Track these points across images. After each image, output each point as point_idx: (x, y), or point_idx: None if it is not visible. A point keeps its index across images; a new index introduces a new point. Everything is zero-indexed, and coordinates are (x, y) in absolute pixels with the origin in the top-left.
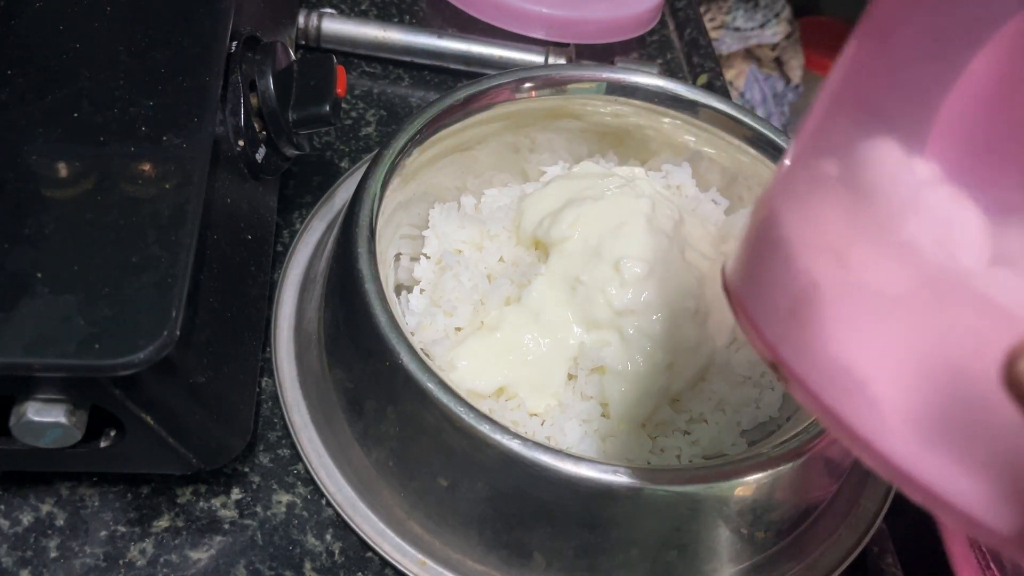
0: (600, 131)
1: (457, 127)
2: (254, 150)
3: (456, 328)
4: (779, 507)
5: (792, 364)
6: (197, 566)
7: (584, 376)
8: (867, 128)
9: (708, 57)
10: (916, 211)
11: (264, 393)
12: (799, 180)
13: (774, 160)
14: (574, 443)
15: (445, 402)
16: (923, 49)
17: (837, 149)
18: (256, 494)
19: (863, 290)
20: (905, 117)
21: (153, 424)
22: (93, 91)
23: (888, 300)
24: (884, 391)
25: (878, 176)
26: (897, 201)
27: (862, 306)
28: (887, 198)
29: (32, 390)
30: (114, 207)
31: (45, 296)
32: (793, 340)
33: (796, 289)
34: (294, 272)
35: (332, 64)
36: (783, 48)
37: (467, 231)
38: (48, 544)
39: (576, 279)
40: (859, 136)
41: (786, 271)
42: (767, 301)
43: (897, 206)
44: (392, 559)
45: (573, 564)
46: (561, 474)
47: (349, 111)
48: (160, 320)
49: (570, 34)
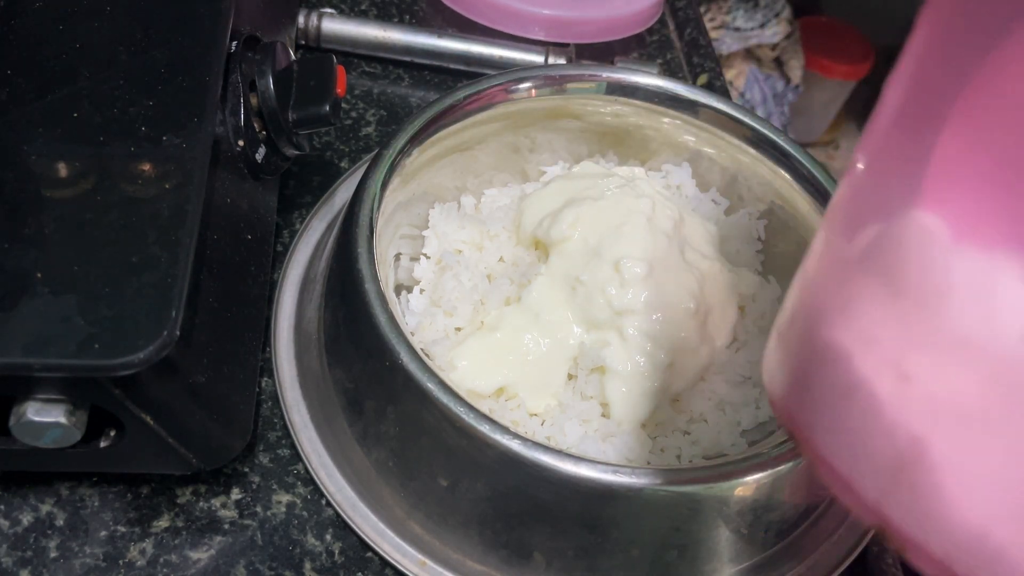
0: (600, 131)
1: (457, 127)
2: (254, 150)
3: (456, 328)
4: (779, 507)
5: (907, 530)
6: (197, 566)
7: (584, 376)
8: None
9: (708, 57)
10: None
11: (264, 393)
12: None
13: (774, 160)
14: (574, 443)
15: (445, 402)
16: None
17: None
18: (256, 494)
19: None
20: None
21: (153, 424)
22: (93, 91)
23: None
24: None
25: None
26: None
27: (982, 453)
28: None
29: (32, 390)
30: (114, 207)
31: (45, 296)
32: (901, 502)
33: (896, 448)
34: (294, 272)
35: (332, 64)
36: (783, 48)
37: (467, 231)
38: (48, 544)
39: (576, 279)
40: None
41: (876, 424)
42: (853, 449)
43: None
44: (392, 559)
45: (573, 564)
46: (561, 474)
47: (349, 111)
48: (160, 320)
49: (570, 34)
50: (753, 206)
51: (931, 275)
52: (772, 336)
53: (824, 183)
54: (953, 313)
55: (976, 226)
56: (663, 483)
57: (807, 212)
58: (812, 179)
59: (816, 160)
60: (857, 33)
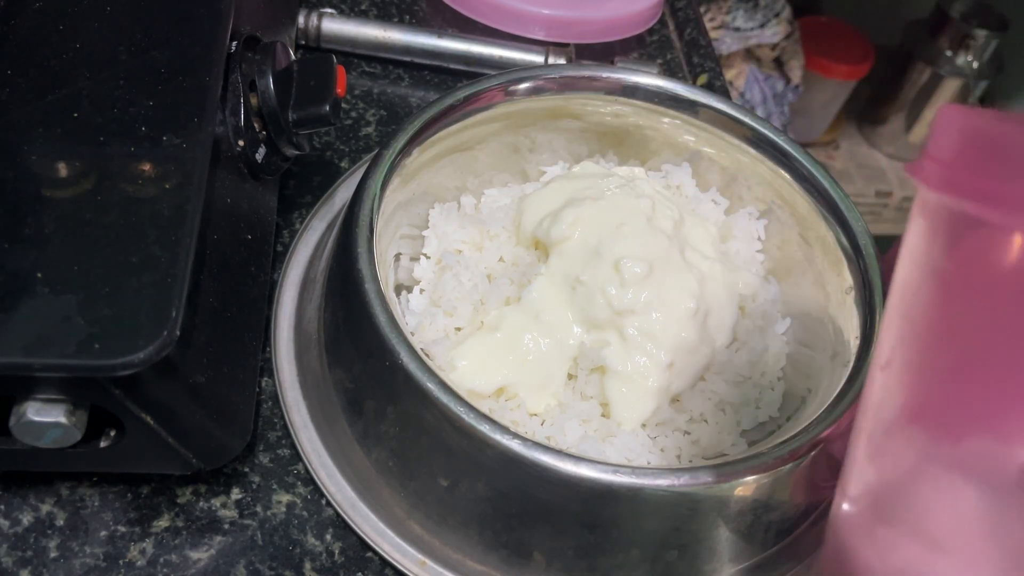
0: (600, 131)
1: (457, 127)
2: (254, 150)
3: (456, 328)
4: (779, 507)
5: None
6: (197, 566)
7: (584, 376)
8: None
9: (708, 57)
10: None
11: (264, 393)
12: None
13: (774, 160)
14: (574, 443)
15: (445, 402)
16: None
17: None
18: (256, 494)
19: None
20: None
21: (153, 424)
22: (93, 91)
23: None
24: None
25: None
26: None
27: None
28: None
29: (32, 390)
30: (114, 207)
31: (45, 296)
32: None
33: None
34: (294, 272)
35: (332, 64)
36: (783, 48)
37: (467, 231)
38: (48, 544)
39: (576, 279)
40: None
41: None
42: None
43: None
44: (392, 559)
45: (573, 564)
46: (561, 474)
47: (349, 111)
48: (160, 320)
49: (570, 34)
50: (753, 206)
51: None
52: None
53: (824, 183)
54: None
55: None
56: (663, 483)
57: (807, 212)
58: (812, 179)
59: (816, 160)
60: (857, 33)
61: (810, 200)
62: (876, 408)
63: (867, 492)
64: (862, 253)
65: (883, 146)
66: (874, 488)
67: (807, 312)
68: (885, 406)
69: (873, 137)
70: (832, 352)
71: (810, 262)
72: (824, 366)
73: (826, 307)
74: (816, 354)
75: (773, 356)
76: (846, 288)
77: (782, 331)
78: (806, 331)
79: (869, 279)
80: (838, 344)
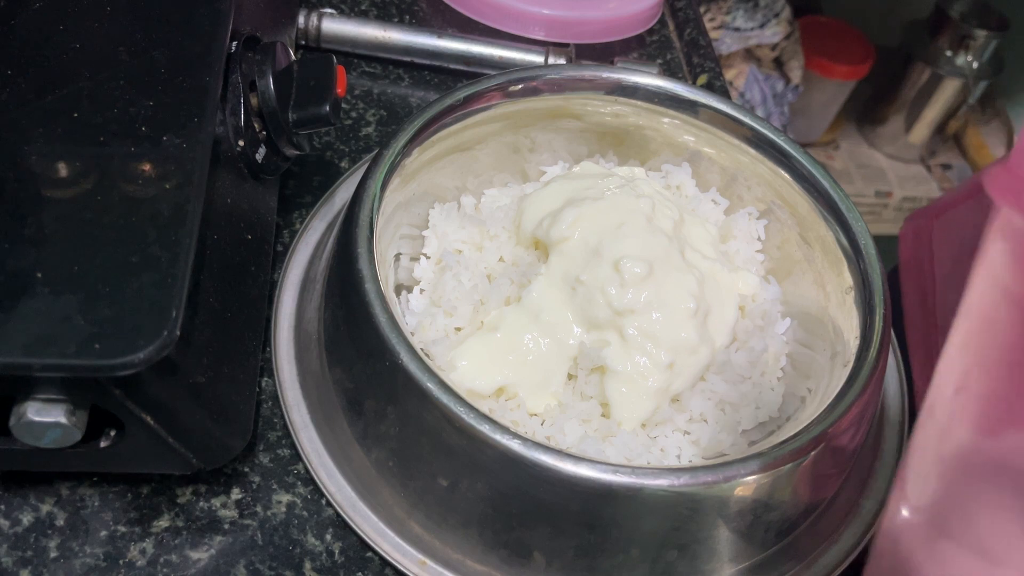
0: (600, 131)
1: (457, 127)
2: (254, 150)
3: (456, 328)
4: (779, 507)
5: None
6: (197, 566)
7: (584, 376)
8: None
9: (708, 57)
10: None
11: (264, 393)
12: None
13: (774, 160)
14: (574, 443)
15: (445, 402)
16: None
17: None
18: (256, 494)
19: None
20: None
21: (153, 424)
22: (93, 91)
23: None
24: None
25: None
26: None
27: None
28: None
29: (32, 390)
30: (114, 207)
31: (45, 296)
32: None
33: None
34: (294, 272)
35: (332, 64)
36: (783, 48)
37: (467, 231)
38: (48, 544)
39: (576, 279)
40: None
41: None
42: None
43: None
44: (392, 559)
45: (573, 564)
46: (561, 474)
47: (349, 111)
48: (160, 320)
49: (570, 34)
50: (753, 206)
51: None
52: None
53: (824, 183)
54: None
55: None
56: (663, 483)
57: (807, 212)
58: (812, 179)
59: (816, 160)
60: (857, 33)
61: (810, 200)
62: (944, 428)
63: (931, 504)
64: (862, 253)
65: (883, 146)
66: (938, 500)
67: (807, 312)
68: (955, 427)
69: (873, 137)
70: (832, 352)
71: (810, 262)
72: (824, 366)
73: (826, 307)
74: (816, 354)
75: (773, 356)
76: (846, 288)
77: (782, 331)
78: (806, 331)
79: (869, 279)
80: (838, 344)
